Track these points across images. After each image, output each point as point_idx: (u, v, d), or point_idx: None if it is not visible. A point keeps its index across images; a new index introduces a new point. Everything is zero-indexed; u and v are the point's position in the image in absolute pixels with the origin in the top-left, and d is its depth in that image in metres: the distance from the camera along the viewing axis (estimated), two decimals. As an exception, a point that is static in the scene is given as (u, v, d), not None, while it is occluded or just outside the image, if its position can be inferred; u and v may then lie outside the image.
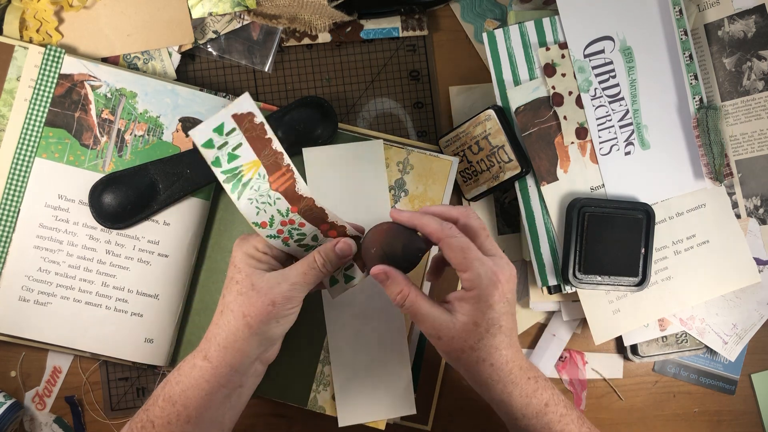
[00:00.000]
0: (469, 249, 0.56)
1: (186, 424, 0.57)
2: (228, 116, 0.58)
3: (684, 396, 0.78)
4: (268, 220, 0.59)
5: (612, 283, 0.71)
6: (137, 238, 0.70)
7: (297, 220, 0.59)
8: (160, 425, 0.58)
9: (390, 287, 0.58)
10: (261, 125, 0.58)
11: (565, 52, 0.72)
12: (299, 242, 0.60)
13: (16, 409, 0.70)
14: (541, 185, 0.72)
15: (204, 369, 0.57)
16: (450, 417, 0.75)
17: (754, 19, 0.74)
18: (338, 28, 0.75)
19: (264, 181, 0.58)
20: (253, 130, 0.58)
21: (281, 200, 0.58)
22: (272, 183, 0.58)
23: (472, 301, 0.56)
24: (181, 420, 0.57)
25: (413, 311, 0.57)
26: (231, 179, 0.58)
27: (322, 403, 0.71)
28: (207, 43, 0.74)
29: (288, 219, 0.59)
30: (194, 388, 0.57)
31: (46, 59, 0.69)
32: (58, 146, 0.69)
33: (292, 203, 0.59)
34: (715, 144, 0.72)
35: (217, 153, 0.58)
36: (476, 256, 0.56)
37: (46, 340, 0.69)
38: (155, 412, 0.58)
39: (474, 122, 0.72)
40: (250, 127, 0.58)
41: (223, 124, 0.58)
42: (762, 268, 0.75)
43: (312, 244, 0.60)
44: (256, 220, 0.58)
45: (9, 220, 0.69)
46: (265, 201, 0.59)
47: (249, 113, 0.58)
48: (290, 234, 0.59)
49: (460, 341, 0.56)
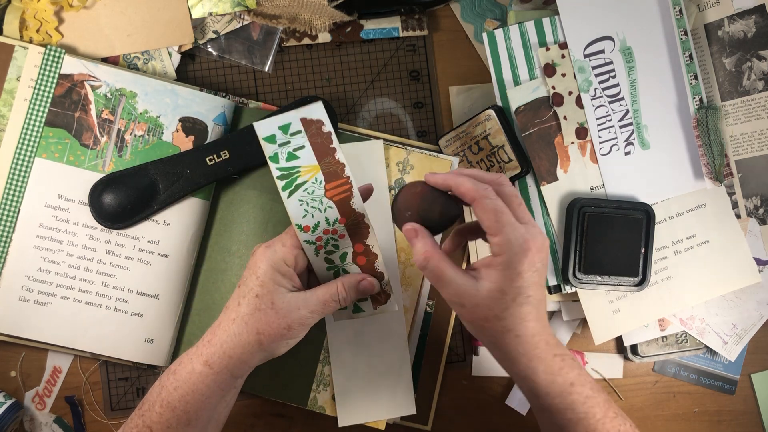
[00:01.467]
0: (502, 212, 0.54)
1: (186, 426, 0.57)
2: (297, 118, 0.58)
3: (684, 396, 0.78)
4: (313, 225, 0.58)
5: (612, 283, 0.71)
6: (137, 238, 0.70)
7: (340, 231, 0.59)
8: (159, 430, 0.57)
9: (417, 244, 0.56)
10: (328, 134, 0.58)
11: (565, 52, 0.72)
12: (329, 254, 0.60)
13: (16, 409, 0.70)
14: (541, 185, 0.72)
15: (204, 375, 0.57)
16: (450, 417, 0.76)
17: (754, 19, 0.73)
18: (338, 28, 0.74)
19: (320, 187, 0.58)
20: (319, 136, 0.58)
21: (333, 209, 0.58)
22: (328, 190, 0.58)
23: (500, 267, 0.53)
24: (181, 423, 0.57)
25: (437, 274, 0.55)
26: (285, 177, 0.58)
27: (322, 403, 0.71)
28: (207, 43, 0.74)
29: (332, 228, 0.59)
30: (194, 393, 0.57)
31: (46, 59, 0.69)
32: (58, 146, 0.69)
33: (342, 215, 0.58)
34: (715, 144, 0.72)
35: (277, 149, 0.58)
36: (509, 221, 0.53)
37: (46, 340, 0.69)
38: (152, 417, 0.57)
39: (474, 122, 0.72)
40: (317, 134, 0.58)
41: (290, 124, 0.58)
42: (762, 268, 0.75)
43: (336, 264, 0.60)
44: (300, 222, 0.58)
45: (9, 220, 0.69)
46: (315, 206, 0.58)
47: (318, 120, 0.58)
48: (326, 243, 0.59)
49: (485, 309, 0.54)
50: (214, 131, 0.71)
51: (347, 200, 0.59)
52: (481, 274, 0.55)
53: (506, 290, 0.53)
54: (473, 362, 0.76)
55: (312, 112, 0.58)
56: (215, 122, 0.71)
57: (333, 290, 0.57)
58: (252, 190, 0.72)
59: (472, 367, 0.76)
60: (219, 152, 0.70)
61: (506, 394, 0.76)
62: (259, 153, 0.70)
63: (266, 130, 0.58)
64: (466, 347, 0.76)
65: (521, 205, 0.56)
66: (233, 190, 0.73)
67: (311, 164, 0.58)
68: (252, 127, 0.70)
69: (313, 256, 0.59)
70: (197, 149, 0.70)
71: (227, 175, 0.70)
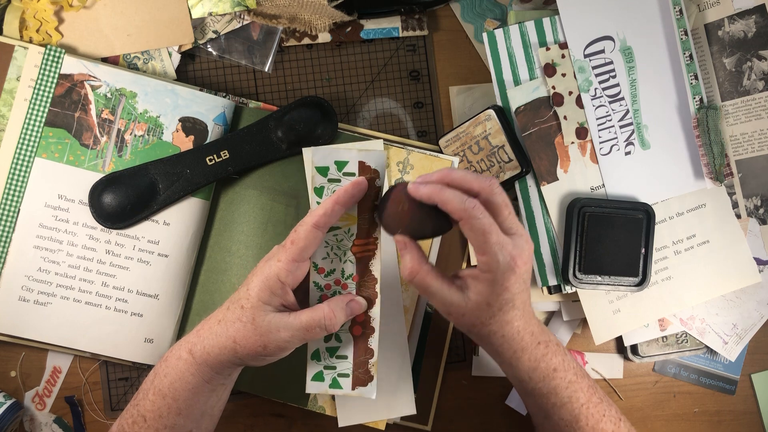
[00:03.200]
0: (489, 233, 0.53)
1: (177, 416, 0.57)
2: (356, 160, 0.56)
3: (684, 396, 0.78)
4: (328, 270, 0.58)
5: (612, 283, 0.71)
6: (137, 238, 0.70)
7: (350, 288, 0.58)
8: (152, 419, 0.57)
9: (405, 257, 0.56)
10: (378, 188, 0.57)
11: (565, 52, 0.72)
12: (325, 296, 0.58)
13: (16, 409, 0.70)
14: (541, 185, 0.72)
15: (188, 363, 0.57)
16: (450, 417, 0.75)
17: (755, 19, 0.73)
18: (338, 28, 0.74)
19: (349, 239, 0.57)
20: (370, 188, 0.56)
21: (352, 264, 0.58)
22: (355, 245, 0.58)
23: (487, 283, 0.54)
24: (172, 413, 0.57)
25: (423, 287, 0.56)
26: None
27: (322, 403, 0.71)
28: (207, 43, 0.74)
29: (344, 282, 0.58)
30: (181, 381, 0.57)
31: (46, 59, 0.69)
32: (58, 146, 0.69)
33: (358, 272, 0.58)
34: (716, 144, 0.72)
35: (325, 184, 0.57)
36: (496, 240, 0.53)
37: (46, 340, 0.69)
38: (146, 406, 0.58)
39: (474, 122, 0.72)
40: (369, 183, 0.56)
41: (347, 163, 0.56)
42: (762, 268, 0.75)
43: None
44: (318, 262, 0.57)
45: (9, 220, 0.69)
46: (338, 254, 0.58)
47: (375, 171, 0.56)
48: (333, 293, 0.58)
49: (472, 317, 0.55)
50: (214, 131, 0.71)
51: (368, 260, 0.58)
52: (468, 285, 0.56)
53: (492, 303, 0.55)
54: (473, 362, 0.76)
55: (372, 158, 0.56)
56: (215, 122, 0.71)
57: (319, 315, 0.55)
58: (252, 190, 0.72)
59: (472, 367, 0.76)
60: (219, 152, 0.70)
61: (506, 394, 0.76)
62: (259, 153, 0.71)
63: (323, 160, 0.56)
64: (466, 347, 0.76)
65: (510, 215, 0.55)
66: (233, 190, 0.72)
67: (351, 214, 0.57)
68: (252, 127, 0.71)
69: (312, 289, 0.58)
70: (197, 149, 0.70)
71: (227, 175, 0.70)
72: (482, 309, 0.55)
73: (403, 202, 0.55)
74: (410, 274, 0.56)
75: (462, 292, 0.56)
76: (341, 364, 0.59)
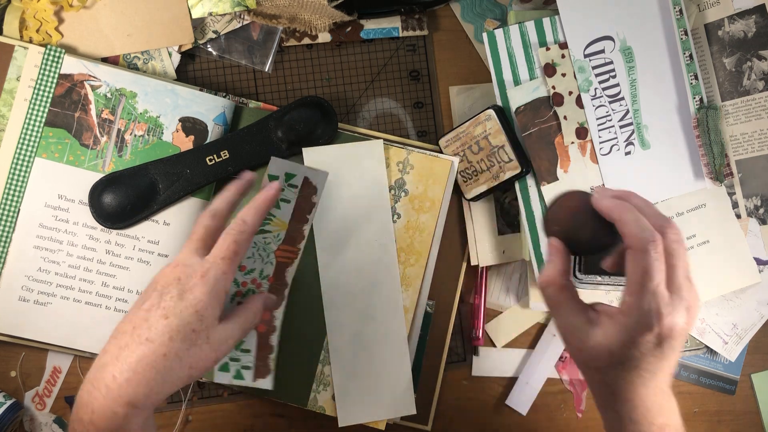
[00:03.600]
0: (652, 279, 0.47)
1: None
2: (302, 175, 0.61)
3: (684, 396, 0.78)
4: (249, 269, 0.61)
5: (612, 283, 0.71)
6: (137, 238, 0.70)
7: (263, 288, 0.62)
8: None
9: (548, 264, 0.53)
10: (314, 205, 0.62)
11: (565, 52, 0.72)
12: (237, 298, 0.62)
13: (16, 409, 0.70)
14: (541, 185, 0.72)
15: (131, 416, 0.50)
16: (450, 417, 0.75)
17: (755, 19, 0.73)
18: (338, 28, 0.74)
19: (276, 244, 0.62)
20: (305, 202, 0.62)
21: (271, 266, 0.62)
22: (279, 249, 0.62)
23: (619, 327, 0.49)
24: None
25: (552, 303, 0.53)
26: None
27: (322, 403, 0.71)
28: (207, 43, 0.74)
29: (259, 282, 0.62)
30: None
31: (46, 59, 0.69)
32: (58, 146, 0.69)
33: (274, 275, 0.62)
34: (716, 144, 0.72)
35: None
36: (654, 288, 0.48)
37: (46, 340, 0.69)
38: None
39: (474, 122, 0.72)
40: (305, 198, 0.62)
41: (295, 176, 0.61)
42: (762, 268, 0.75)
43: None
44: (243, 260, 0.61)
45: (9, 220, 0.69)
46: (261, 255, 0.62)
47: (314, 187, 0.62)
48: (246, 292, 0.62)
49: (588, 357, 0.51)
50: (214, 131, 0.71)
51: (286, 265, 0.62)
52: (600, 322, 0.51)
53: (614, 352, 0.49)
54: (473, 362, 0.76)
55: (317, 178, 0.62)
56: (215, 122, 0.71)
57: (250, 316, 0.57)
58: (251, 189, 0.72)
59: (472, 367, 0.76)
60: (219, 152, 0.70)
61: (506, 394, 0.76)
62: (259, 153, 0.71)
63: (276, 169, 0.61)
64: (466, 347, 0.76)
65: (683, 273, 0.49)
66: (233, 190, 0.73)
67: (283, 221, 0.62)
68: (252, 127, 0.71)
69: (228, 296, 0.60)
70: (197, 149, 0.70)
71: (227, 175, 0.70)
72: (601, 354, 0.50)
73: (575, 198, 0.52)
74: (545, 283, 0.53)
75: (590, 326, 0.51)
76: (245, 357, 0.62)
